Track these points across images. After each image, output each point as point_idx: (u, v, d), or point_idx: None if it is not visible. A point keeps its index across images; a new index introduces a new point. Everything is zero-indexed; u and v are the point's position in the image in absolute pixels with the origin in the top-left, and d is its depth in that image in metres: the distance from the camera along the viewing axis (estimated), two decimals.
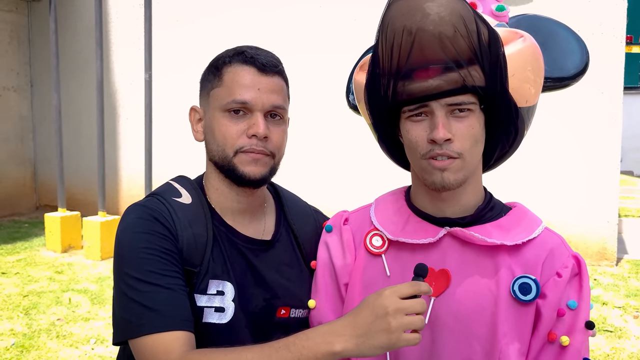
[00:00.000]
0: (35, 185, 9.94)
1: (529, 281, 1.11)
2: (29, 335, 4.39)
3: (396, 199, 1.28)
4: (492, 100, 1.09)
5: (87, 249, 6.74)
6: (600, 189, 6.32)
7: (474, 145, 1.11)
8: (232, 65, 1.24)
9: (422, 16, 1.00)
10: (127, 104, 8.89)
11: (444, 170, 1.09)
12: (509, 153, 1.23)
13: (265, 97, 1.21)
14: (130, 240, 1.17)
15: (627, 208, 10.68)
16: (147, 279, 1.12)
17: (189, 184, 1.31)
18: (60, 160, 7.23)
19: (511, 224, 1.17)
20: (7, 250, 7.04)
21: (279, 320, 1.28)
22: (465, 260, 1.15)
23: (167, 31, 8.22)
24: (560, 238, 1.19)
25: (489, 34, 1.04)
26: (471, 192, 1.18)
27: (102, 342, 4.29)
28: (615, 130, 6.24)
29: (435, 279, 1.15)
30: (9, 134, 9.49)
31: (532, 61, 1.13)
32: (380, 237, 1.23)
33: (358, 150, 7.15)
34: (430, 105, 1.07)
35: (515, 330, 1.11)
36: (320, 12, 7.43)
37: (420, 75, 1.05)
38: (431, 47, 1.02)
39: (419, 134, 1.10)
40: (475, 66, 1.05)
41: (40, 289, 5.54)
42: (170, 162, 8.38)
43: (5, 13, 9.32)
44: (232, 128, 1.21)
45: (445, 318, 1.13)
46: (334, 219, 1.35)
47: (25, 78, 9.72)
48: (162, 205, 1.22)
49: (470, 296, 1.13)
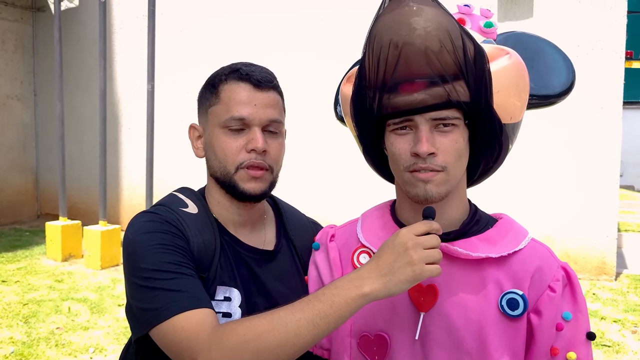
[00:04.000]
0: (36, 193, 9.98)
1: (516, 297, 1.11)
2: (28, 343, 4.40)
3: (382, 214, 1.28)
4: (476, 116, 1.10)
5: (87, 258, 6.76)
6: (600, 203, 6.34)
7: (458, 159, 1.11)
8: (228, 83, 1.26)
9: (409, 30, 1.01)
10: (129, 113, 8.95)
11: (427, 182, 1.09)
12: (493, 168, 1.23)
13: (262, 112, 1.24)
14: (144, 239, 1.18)
15: (627, 223, 10.68)
16: (166, 269, 1.13)
17: (194, 195, 1.34)
18: (62, 169, 7.27)
19: (497, 236, 1.16)
20: (7, 258, 7.06)
21: None
22: (453, 274, 1.15)
23: (170, 42, 8.29)
24: (547, 249, 1.19)
25: (474, 49, 1.05)
26: (455, 207, 1.18)
27: (100, 351, 4.30)
28: (614, 144, 6.27)
29: (423, 295, 1.15)
30: (12, 142, 9.55)
31: (518, 78, 1.13)
32: (367, 254, 1.23)
33: (355, 160, 7.18)
34: (415, 119, 1.07)
35: (506, 345, 1.11)
36: (322, 25, 7.50)
37: (405, 88, 1.05)
38: (417, 61, 1.03)
39: (402, 147, 1.10)
40: (460, 81, 1.05)
41: (40, 297, 5.56)
42: (171, 171, 8.41)
43: (10, 23, 9.41)
44: (231, 144, 1.24)
45: (436, 333, 1.14)
46: (320, 235, 1.36)
47: (29, 87, 9.80)
48: (171, 214, 1.25)
49: (459, 311, 1.13)
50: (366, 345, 1.19)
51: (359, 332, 1.20)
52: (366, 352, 1.19)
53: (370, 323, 1.19)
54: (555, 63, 1.29)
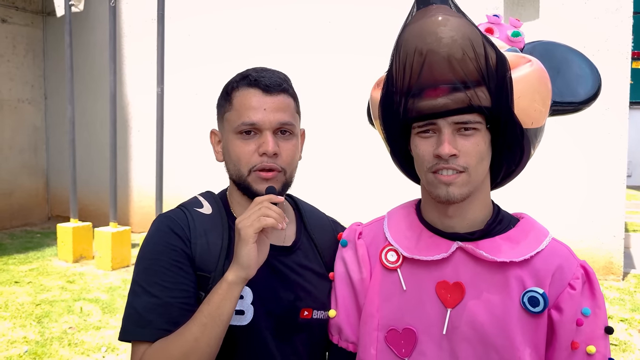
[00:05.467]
0: (47, 196, 10.08)
1: (537, 295, 1.16)
2: (42, 343, 4.48)
3: (408, 213, 1.33)
4: (497, 120, 1.15)
5: (98, 259, 6.84)
6: (607, 203, 6.36)
7: (479, 161, 1.15)
8: (239, 90, 1.32)
9: (433, 39, 1.06)
10: (138, 116, 9.04)
11: (449, 184, 1.15)
12: (516, 172, 1.28)
13: (272, 116, 1.29)
14: (146, 252, 1.30)
15: (635, 223, 10.66)
16: (150, 289, 1.24)
17: (212, 197, 1.42)
18: (73, 171, 7.36)
19: (519, 236, 1.21)
20: (19, 259, 7.15)
21: (302, 321, 1.36)
22: (478, 272, 1.20)
23: (179, 45, 8.36)
24: (567, 248, 1.24)
25: (496, 57, 1.10)
26: (478, 208, 1.23)
27: (112, 351, 4.37)
28: (621, 145, 6.29)
29: (450, 291, 1.20)
30: (23, 145, 9.66)
31: (539, 85, 1.18)
32: (394, 252, 1.28)
33: (375, 159, 7.23)
34: (438, 123, 1.13)
35: (528, 339, 1.16)
36: (329, 27, 7.55)
37: (429, 94, 1.11)
38: (440, 68, 1.08)
39: (426, 149, 1.16)
40: (481, 87, 1.10)
41: (53, 298, 5.64)
42: (179, 173, 8.49)
43: (22, 27, 9.52)
44: (244, 148, 1.30)
45: (463, 329, 1.19)
46: (348, 232, 1.40)
47: (39, 90, 9.91)
48: (184, 214, 1.34)
49: (485, 307, 1.18)
50: (394, 339, 1.24)
51: (386, 327, 1.25)
52: (394, 346, 1.24)
53: (397, 318, 1.24)
54: (582, 71, 1.34)
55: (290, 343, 1.34)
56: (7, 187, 9.36)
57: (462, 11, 1.11)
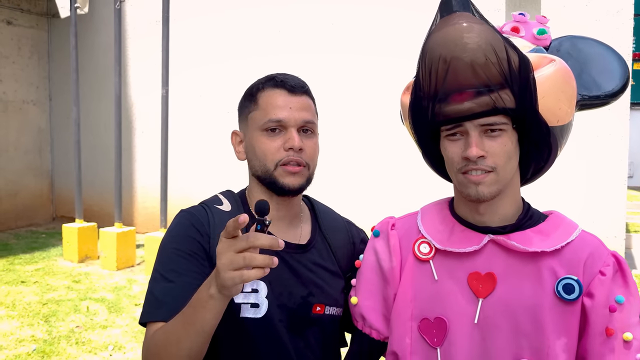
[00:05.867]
0: (52, 196, 10.15)
1: (572, 282, 1.19)
2: (50, 341, 4.54)
3: (441, 209, 1.38)
4: (523, 120, 1.19)
5: (103, 259, 6.90)
6: (608, 204, 6.40)
7: (507, 160, 1.20)
8: (265, 90, 1.41)
9: (456, 46, 1.11)
10: (142, 117, 9.10)
11: (479, 184, 1.19)
12: (545, 168, 1.33)
13: (297, 114, 1.38)
14: (167, 242, 1.37)
15: (636, 224, 10.69)
16: (167, 275, 1.31)
17: (231, 195, 1.49)
18: (78, 172, 7.42)
19: (550, 229, 1.26)
20: (25, 259, 7.22)
21: (315, 316, 1.41)
22: (510, 264, 1.24)
23: (183, 46, 8.43)
24: (597, 239, 1.28)
25: (519, 59, 1.15)
26: (508, 204, 1.27)
27: (119, 349, 4.43)
28: (622, 146, 6.33)
29: (482, 282, 1.24)
30: (28, 146, 9.73)
31: (563, 83, 1.22)
32: (427, 244, 1.32)
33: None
34: (465, 126, 1.17)
35: (562, 328, 1.20)
36: (333, 29, 7.61)
37: (455, 98, 1.16)
38: (464, 73, 1.13)
39: (455, 152, 1.21)
40: (505, 90, 1.14)
41: (59, 297, 5.70)
42: (184, 174, 8.55)
43: (27, 29, 9.60)
44: (270, 144, 1.37)
45: (494, 318, 1.22)
46: (381, 224, 1.44)
47: (44, 92, 9.98)
48: (204, 211, 1.41)
49: (516, 296, 1.22)
50: (426, 328, 1.28)
51: (419, 316, 1.29)
52: (426, 335, 1.28)
53: (430, 308, 1.28)
54: (610, 64, 1.35)
55: (303, 337, 1.40)
56: (12, 188, 9.43)
57: (484, 17, 1.16)
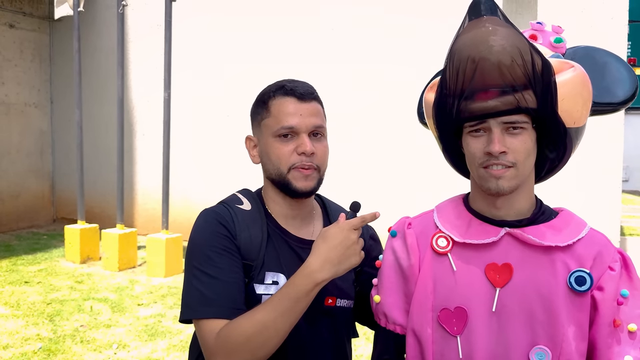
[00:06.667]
0: (52, 198, 10.22)
1: (584, 274, 1.27)
2: (55, 340, 4.62)
3: (456, 205, 1.45)
4: (543, 120, 1.26)
5: (105, 260, 6.98)
6: (603, 207, 6.51)
7: (527, 157, 1.26)
8: (276, 98, 1.48)
9: (485, 47, 1.18)
10: (143, 120, 9.18)
11: (499, 178, 1.25)
12: (559, 167, 1.41)
13: (308, 120, 1.46)
14: (199, 240, 1.44)
15: (632, 227, 10.80)
16: (208, 272, 1.38)
17: (250, 194, 1.58)
18: (80, 174, 7.50)
19: (562, 225, 1.34)
20: (28, 260, 7.29)
21: (327, 308, 1.51)
22: (525, 256, 1.32)
23: (184, 50, 8.52)
24: (605, 237, 1.38)
25: (542, 63, 1.20)
26: (523, 199, 1.34)
27: (124, 347, 4.51)
28: (616, 150, 6.45)
29: (499, 272, 1.32)
30: (30, 148, 9.81)
31: (581, 88, 1.29)
32: (445, 238, 1.39)
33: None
34: (489, 122, 1.24)
35: (573, 317, 1.28)
36: (333, 34, 7.71)
37: (480, 96, 1.22)
38: (491, 73, 1.19)
39: (477, 147, 1.27)
40: (528, 91, 1.21)
41: (63, 297, 5.78)
42: (184, 176, 8.63)
43: (29, 32, 9.68)
44: (283, 149, 1.46)
45: (511, 306, 1.30)
46: (397, 225, 1.49)
47: (45, 95, 10.06)
48: (227, 210, 1.49)
49: (532, 286, 1.28)
50: (446, 318, 1.34)
51: (439, 307, 1.35)
52: (446, 324, 1.33)
53: (449, 298, 1.35)
54: (620, 74, 1.45)
55: (316, 327, 1.49)
56: (14, 190, 9.50)
57: (510, 21, 1.23)
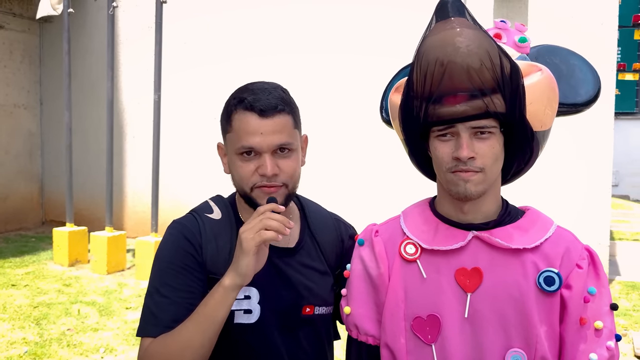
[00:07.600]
0: (41, 200, 10.14)
1: (552, 274, 1.26)
2: (41, 344, 4.57)
3: (422, 210, 1.42)
4: (511, 124, 1.26)
5: (93, 263, 6.92)
6: (593, 212, 6.52)
7: (494, 162, 1.25)
8: (237, 113, 1.36)
9: (453, 49, 1.15)
10: (133, 122, 9.13)
11: (467, 181, 1.23)
12: (524, 170, 1.40)
13: (270, 139, 1.33)
14: (161, 255, 1.41)
15: (621, 232, 10.85)
16: (161, 290, 1.36)
17: (222, 202, 1.51)
18: (69, 176, 7.44)
19: (528, 225, 1.33)
20: (15, 263, 7.22)
21: (305, 317, 1.46)
22: (494, 259, 1.30)
23: (175, 51, 8.48)
24: (572, 234, 1.37)
25: (510, 67, 1.20)
26: (490, 202, 1.33)
27: (111, 352, 4.47)
28: (606, 155, 6.47)
29: (469, 277, 1.30)
30: (19, 150, 9.73)
31: (548, 91, 1.28)
32: (413, 245, 1.36)
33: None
34: (457, 127, 1.21)
35: (544, 317, 1.27)
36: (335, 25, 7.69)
37: (449, 100, 1.19)
38: (460, 77, 1.16)
39: (445, 152, 1.24)
40: (497, 95, 1.19)
41: (50, 300, 5.72)
42: (174, 179, 8.58)
43: (18, 33, 9.62)
44: (245, 168, 1.36)
45: (483, 311, 1.28)
46: (364, 233, 1.46)
47: (35, 96, 9.99)
48: (195, 221, 1.44)
49: (503, 289, 1.27)
50: (420, 327, 1.32)
51: (411, 315, 1.32)
52: (420, 333, 1.31)
53: (421, 306, 1.32)
54: (584, 75, 1.44)
55: (295, 337, 1.44)
56: (2, 192, 9.42)
57: (478, 23, 1.21)
